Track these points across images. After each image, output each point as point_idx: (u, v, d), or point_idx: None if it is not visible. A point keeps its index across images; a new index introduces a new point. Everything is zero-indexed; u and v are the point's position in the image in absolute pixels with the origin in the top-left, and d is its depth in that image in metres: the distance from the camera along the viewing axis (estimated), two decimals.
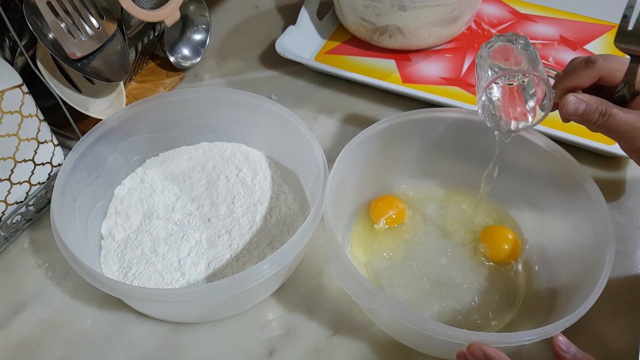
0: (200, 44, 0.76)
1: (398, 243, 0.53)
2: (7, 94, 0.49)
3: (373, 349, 0.47)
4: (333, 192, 0.47)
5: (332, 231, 0.44)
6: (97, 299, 0.50)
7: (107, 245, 0.52)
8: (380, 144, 0.53)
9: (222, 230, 0.52)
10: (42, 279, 0.52)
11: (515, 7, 0.82)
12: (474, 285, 0.50)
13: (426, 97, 0.66)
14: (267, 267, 0.43)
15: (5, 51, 0.56)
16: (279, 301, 0.50)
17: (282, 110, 0.54)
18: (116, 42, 0.59)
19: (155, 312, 0.49)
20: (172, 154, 0.60)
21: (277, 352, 0.47)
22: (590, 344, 0.47)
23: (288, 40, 0.72)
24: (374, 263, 0.52)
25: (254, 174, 0.57)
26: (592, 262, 0.44)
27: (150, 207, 0.55)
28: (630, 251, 0.53)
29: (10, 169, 0.51)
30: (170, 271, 0.50)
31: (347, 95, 0.70)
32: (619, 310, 0.49)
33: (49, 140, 0.55)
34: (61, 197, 0.48)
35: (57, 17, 0.52)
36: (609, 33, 0.77)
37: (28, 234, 0.56)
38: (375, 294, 0.41)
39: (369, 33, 0.73)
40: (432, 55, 0.75)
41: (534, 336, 0.39)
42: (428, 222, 0.55)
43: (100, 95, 0.62)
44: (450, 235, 0.54)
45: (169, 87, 0.71)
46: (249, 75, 0.74)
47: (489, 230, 0.53)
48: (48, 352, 0.47)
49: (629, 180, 0.60)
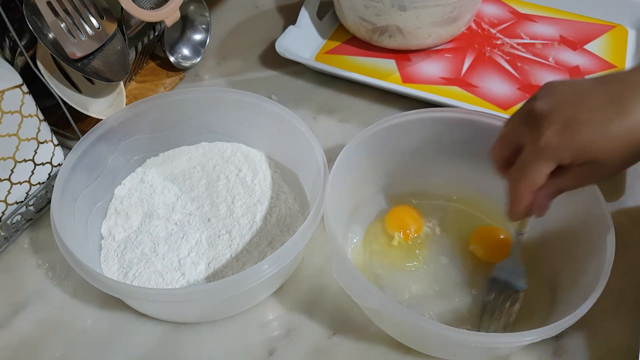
0: (200, 44, 0.76)
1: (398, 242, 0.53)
2: (7, 94, 0.49)
3: (373, 349, 0.47)
4: (333, 192, 0.47)
5: (332, 231, 0.44)
6: (97, 299, 0.50)
7: (107, 245, 0.52)
8: (380, 144, 0.53)
9: (222, 230, 0.52)
10: (42, 279, 0.52)
11: (516, 7, 0.82)
12: (474, 285, 0.50)
13: (426, 97, 0.66)
14: (267, 267, 0.43)
15: (5, 51, 0.56)
16: (279, 301, 0.50)
17: (282, 110, 0.54)
18: (116, 42, 0.59)
19: (155, 312, 0.49)
20: (172, 154, 0.60)
21: (277, 352, 0.47)
22: (591, 344, 0.47)
23: (288, 40, 0.72)
24: (374, 263, 0.52)
25: (254, 174, 0.57)
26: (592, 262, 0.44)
27: (150, 207, 0.55)
28: (630, 251, 0.53)
29: (10, 169, 0.51)
30: (170, 271, 0.50)
31: (347, 95, 0.70)
32: (619, 310, 0.49)
33: (49, 140, 0.55)
34: (61, 197, 0.48)
35: (57, 17, 0.52)
36: (609, 33, 0.77)
37: (28, 234, 0.56)
38: (375, 294, 0.41)
39: (369, 33, 0.73)
40: (432, 55, 0.75)
41: (534, 336, 0.38)
42: (428, 222, 0.55)
43: (100, 95, 0.62)
44: (451, 235, 0.54)
45: (169, 87, 0.71)
46: (249, 75, 0.74)
47: (480, 232, 0.53)
48: (48, 352, 0.47)
49: (629, 180, 0.60)
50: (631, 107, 0.36)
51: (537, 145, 0.38)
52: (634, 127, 0.36)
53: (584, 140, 0.37)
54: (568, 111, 0.37)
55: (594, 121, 0.37)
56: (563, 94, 0.39)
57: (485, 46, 0.76)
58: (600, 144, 0.37)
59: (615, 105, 0.36)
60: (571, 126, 0.37)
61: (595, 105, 0.37)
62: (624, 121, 0.36)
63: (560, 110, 0.38)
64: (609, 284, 0.41)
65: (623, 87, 0.37)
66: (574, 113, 0.37)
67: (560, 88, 0.39)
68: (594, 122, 0.37)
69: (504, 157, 0.42)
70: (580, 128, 0.37)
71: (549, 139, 0.38)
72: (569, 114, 0.37)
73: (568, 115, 0.37)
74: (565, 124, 0.37)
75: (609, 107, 0.36)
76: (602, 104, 0.37)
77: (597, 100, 0.37)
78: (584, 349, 0.47)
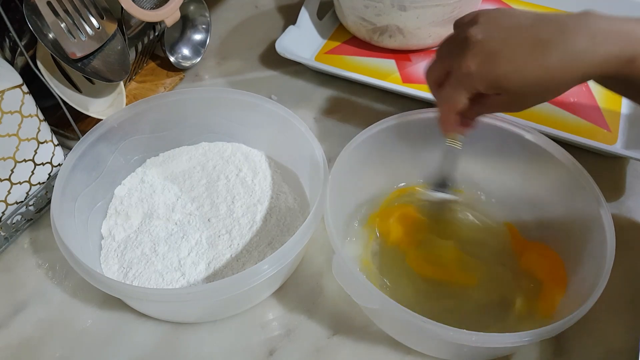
0: (200, 44, 0.76)
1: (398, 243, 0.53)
2: (7, 94, 0.49)
3: (373, 349, 0.47)
4: (333, 192, 0.47)
5: (332, 231, 0.44)
6: (97, 299, 0.50)
7: (107, 245, 0.52)
8: (380, 144, 0.53)
9: (222, 230, 0.52)
10: (42, 279, 0.52)
11: (516, 7, 0.82)
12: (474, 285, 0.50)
13: (426, 97, 0.65)
14: (267, 267, 0.43)
15: (5, 51, 0.56)
16: (279, 301, 0.50)
17: (282, 110, 0.54)
18: (116, 42, 0.59)
19: (155, 312, 0.49)
20: (172, 154, 0.60)
21: (277, 352, 0.47)
22: (590, 344, 0.47)
23: (288, 40, 0.72)
24: (374, 263, 0.52)
25: (254, 174, 0.57)
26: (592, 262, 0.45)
27: (150, 207, 0.55)
28: (631, 251, 0.53)
29: (10, 169, 0.51)
30: (170, 271, 0.50)
31: (347, 95, 0.70)
32: (620, 310, 0.49)
33: (49, 140, 0.55)
34: (61, 197, 0.48)
35: (57, 17, 0.52)
36: None
37: (28, 234, 0.56)
38: (375, 294, 0.41)
39: (369, 33, 0.73)
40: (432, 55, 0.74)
41: (534, 336, 0.39)
42: (428, 222, 0.55)
43: (100, 95, 0.62)
44: (451, 235, 0.54)
45: (169, 87, 0.71)
46: (249, 75, 0.74)
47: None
48: (48, 352, 0.47)
49: (629, 180, 0.60)
50: (553, 49, 0.38)
51: (459, 71, 0.41)
52: (547, 70, 0.38)
53: (499, 74, 0.39)
54: (494, 44, 0.40)
55: (514, 57, 0.39)
56: (497, 26, 0.40)
57: None
58: (513, 80, 0.39)
59: (539, 46, 0.38)
60: (492, 59, 0.39)
61: (521, 42, 0.39)
62: (540, 62, 0.38)
63: (488, 42, 0.40)
64: (609, 284, 0.41)
65: (554, 28, 0.38)
66: (499, 46, 0.39)
67: (498, 19, 0.41)
68: (514, 58, 0.39)
69: (436, 78, 0.45)
70: (500, 62, 0.39)
71: (469, 68, 0.40)
72: (494, 47, 0.39)
73: (493, 48, 0.39)
74: (487, 56, 0.39)
75: (533, 47, 0.38)
76: (528, 42, 0.39)
77: (525, 37, 0.39)
78: (584, 349, 0.47)
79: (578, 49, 0.38)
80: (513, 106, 0.43)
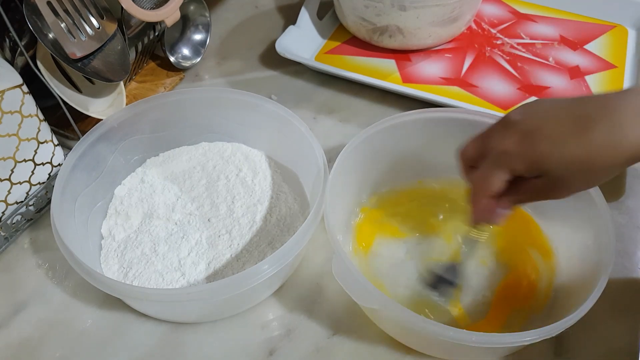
0: (200, 44, 0.76)
1: (398, 243, 0.53)
2: (7, 94, 0.49)
3: (373, 349, 0.47)
4: (333, 192, 0.47)
5: (332, 231, 0.44)
6: (97, 299, 0.50)
7: (107, 245, 0.52)
8: (380, 144, 0.53)
9: (222, 230, 0.52)
10: (42, 279, 0.52)
11: (515, 7, 0.82)
12: (475, 285, 0.50)
13: (426, 97, 0.66)
14: (267, 267, 0.43)
15: (5, 51, 0.56)
16: (279, 301, 0.50)
17: (282, 110, 0.54)
18: (116, 42, 0.59)
19: (155, 312, 0.49)
20: (172, 154, 0.60)
21: (277, 352, 0.47)
22: (590, 344, 0.47)
23: (288, 40, 0.72)
24: (374, 263, 0.52)
25: (254, 174, 0.57)
26: (593, 262, 0.45)
27: (150, 207, 0.55)
28: (631, 251, 0.53)
29: (10, 169, 0.51)
30: (170, 271, 0.50)
31: (347, 95, 0.70)
32: (619, 310, 0.49)
33: (49, 140, 0.55)
34: (61, 197, 0.49)
35: (57, 17, 0.52)
36: (609, 33, 0.77)
37: (28, 234, 0.56)
38: (375, 294, 0.41)
39: (369, 33, 0.73)
40: (432, 55, 0.75)
41: (534, 336, 0.39)
42: (428, 222, 0.55)
43: (100, 95, 0.62)
44: (451, 235, 0.54)
45: (169, 87, 0.71)
46: (249, 75, 0.74)
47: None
48: (48, 352, 0.47)
49: (629, 180, 0.60)
50: (594, 127, 0.35)
51: (495, 150, 0.39)
52: (590, 148, 0.35)
53: (539, 152, 0.37)
54: (534, 122, 0.38)
55: (554, 135, 0.36)
56: (538, 108, 0.39)
57: (485, 46, 0.76)
58: (553, 158, 0.36)
59: (579, 124, 0.36)
60: (531, 137, 0.37)
61: (561, 120, 0.37)
62: (582, 140, 0.36)
63: (527, 121, 0.38)
64: (609, 284, 0.41)
65: (594, 107, 0.36)
66: (538, 125, 0.37)
67: (537, 103, 0.39)
68: (554, 135, 0.36)
69: (470, 159, 0.43)
70: (539, 140, 0.37)
71: (507, 146, 0.38)
72: (534, 124, 0.37)
73: (533, 125, 0.37)
74: (527, 135, 0.37)
75: (573, 125, 0.36)
76: (568, 121, 0.36)
77: (565, 116, 0.37)
78: (584, 349, 0.47)
79: (623, 124, 0.35)
80: (555, 191, 0.39)
